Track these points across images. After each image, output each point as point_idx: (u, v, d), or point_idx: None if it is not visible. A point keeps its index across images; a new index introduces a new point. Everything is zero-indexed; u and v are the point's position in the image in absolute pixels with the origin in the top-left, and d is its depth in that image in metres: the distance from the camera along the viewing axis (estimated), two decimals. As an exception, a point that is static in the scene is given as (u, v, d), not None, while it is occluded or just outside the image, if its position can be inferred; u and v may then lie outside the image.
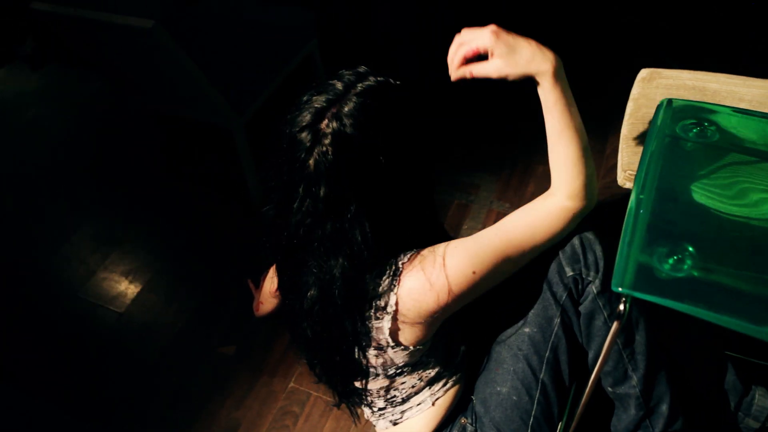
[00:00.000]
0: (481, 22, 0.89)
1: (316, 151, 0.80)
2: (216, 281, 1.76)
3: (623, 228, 0.72)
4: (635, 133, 1.16)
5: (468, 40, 0.87)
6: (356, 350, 0.93)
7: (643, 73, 1.30)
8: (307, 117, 0.81)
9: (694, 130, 0.79)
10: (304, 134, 0.81)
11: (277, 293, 1.31)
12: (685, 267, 0.66)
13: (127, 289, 1.79)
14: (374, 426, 1.16)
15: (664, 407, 1.05)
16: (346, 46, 2.29)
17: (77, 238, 1.95)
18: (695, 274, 0.65)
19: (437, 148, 2.00)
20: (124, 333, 1.67)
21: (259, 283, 1.59)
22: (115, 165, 2.21)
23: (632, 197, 0.74)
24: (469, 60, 0.88)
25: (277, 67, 1.82)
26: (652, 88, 1.24)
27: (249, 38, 1.86)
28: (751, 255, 0.66)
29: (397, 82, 0.87)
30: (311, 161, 0.80)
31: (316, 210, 0.83)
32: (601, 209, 0.99)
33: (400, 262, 0.87)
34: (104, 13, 1.43)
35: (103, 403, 1.52)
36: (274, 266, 1.34)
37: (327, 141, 0.79)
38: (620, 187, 1.14)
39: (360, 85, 0.84)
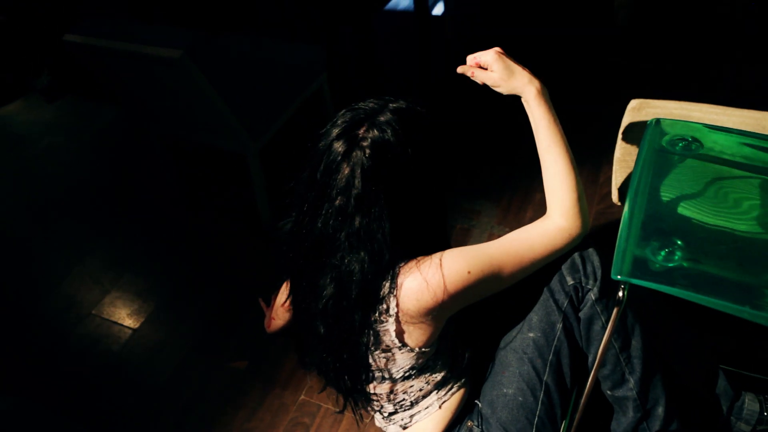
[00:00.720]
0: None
1: (353, 154, 0.90)
2: (227, 301, 1.82)
3: (620, 227, 0.81)
4: (627, 156, 1.26)
5: (477, 55, 1.06)
6: (363, 346, 1.00)
7: (633, 103, 1.41)
8: (342, 128, 0.92)
9: (680, 144, 0.89)
10: (340, 142, 0.91)
11: (290, 307, 1.39)
12: (676, 258, 0.75)
13: (141, 307, 1.84)
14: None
15: (660, 409, 1.12)
16: (353, 82, 2.43)
17: (91, 258, 2.02)
18: (684, 264, 0.74)
19: (450, 165, 2.12)
20: (138, 349, 1.72)
21: (270, 302, 1.66)
22: (128, 190, 2.30)
23: (627, 201, 0.83)
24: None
25: (290, 98, 1.94)
26: (642, 116, 1.35)
27: (264, 72, 1.99)
28: (732, 247, 0.75)
29: (422, 108, 0.99)
30: (347, 164, 0.90)
31: (347, 208, 0.91)
32: (598, 230, 1.09)
33: (398, 267, 0.96)
34: (134, 45, 1.54)
35: (118, 416, 1.56)
36: (286, 282, 1.42)
37: (366, 144, 0.89)
38: (613, 214, 1.24)
39: (392, 104, 0.95)
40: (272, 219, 2.01)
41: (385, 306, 0.96)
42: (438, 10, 3.20)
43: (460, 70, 1.08)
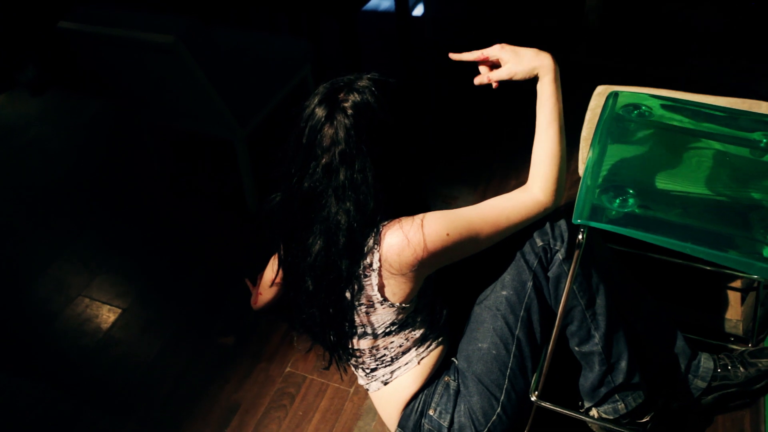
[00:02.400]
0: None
1: (336, 116, 0.98)
2: (214, 281, 1.88)
3: (581, 181, 0.90)
4: (592, 133, 1.37)
5: (483, 52, 1.13)
6: (348, 296, 1.08)
7: (599, 89, 1.53)
8: (322, 95, 1.01)
9: (635, 112, 1.00)
10: (322, 106, 1.00)
11: (276, 282, 1.47)
12: (629, 204, 0.84)
13: (129, 289, 1.89)
14: (368, 390, 1.29)
15: (623, 363, 1.22)
16: (335, 72, 2.51)
17: (79, 243, 2.06)
18: (636, 210, 0.84)
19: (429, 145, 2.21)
20: (127, 328, 1.77)
21: (255, 281, 1.73)
22: (114, 178, 2.34)
23: (588, 159, 0.93)
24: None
25: (276, 87, 2.02)
26: (604, 96, 1.46)
27: (252, 62, 2.06)
28: (678, 196, 0.85)
29: (392, 79, 1.08)
30: (330, 125, 0.99)
31: (332, 164, 1.00)
32: (565, 199, 1.18)
33: (381, 225, 1.04)
34: (128, 31, 1.61)
35: (108, 391, 1.61)
36: (273, 257, 1.49)
37: (347, 105, 0.98)
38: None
39: (366, 75, 1.04)
40: (258, 203, 2.08)
41: (368, 260, 1.04)
42: (418, 11, 3.31)
43: (477, 82, 1.15)
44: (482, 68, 1.16)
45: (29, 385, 1.64)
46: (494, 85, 1.13)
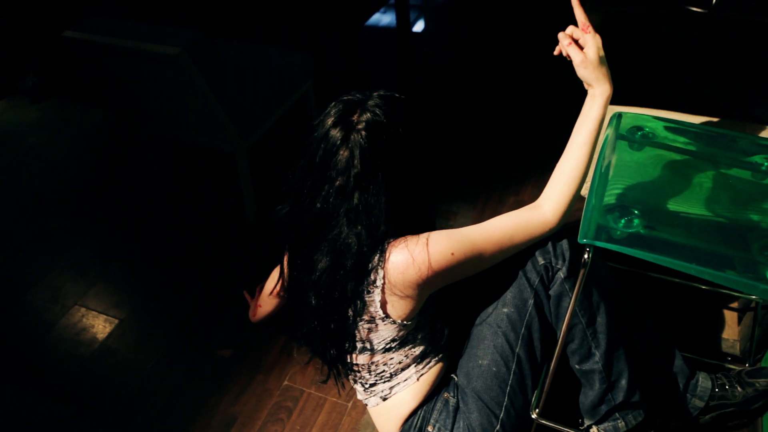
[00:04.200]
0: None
1: (351, 137, 0.99)
2: (213, 293, 1.88)
3: (586, 200, 0.91)
4: (596, 153, 1.38)
5: (578, 28, 1.08)
6: (350, 314, 1.08)
7: (600, 108, 1.55)
8: (337, 116, 1.01)
9: (639, 133, 1.01)
10: (337, 128, 1.00)
11: (277, 293, 1.47)
12: (634, 225, 0.85)
13: (126, 299, 1.88)
14: (366, 405, 1.29)
15: (623, 381, 1.22)
16: (337, 87, 2.54)
17: (76, 252, 2.05)
18: (641, 231, 0.85)
19: (431, 164, 2.22)
20: (123, 338, 1.76)
21: (254, 293, 1.72)
22: (114, 188, 2.34)
23: (592, 179, 0.94)
24: None
25: (278, 101, 2.03)
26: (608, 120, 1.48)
27: (255, 75, 2.08)
28: (682, 218, 0.86)
29: (399, 95, 1.09)
30: (346, 147, 0.99)
31: (347, 187, 1.00)
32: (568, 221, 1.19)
33: (387, 243, 1.04)
34: (133, 41, 1.62)
35: (105, 401, 1.59)
36: (275, 269, 1.49)
37: (361, 127, 0.99)
38: (583, 204, 1.35)
39: (375, 92, 1.05)
40: (258, 215, 2.08)
41: (372, 278, 1.05)
42: (418, 27, 3.34)
43: (559, 36, 1.09)
44: (564, 39, 1.09)
45: (25, 394, 1.62)
46: (565, 54, 1.09)
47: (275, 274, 1.51)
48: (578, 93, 1.11)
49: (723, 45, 2.73)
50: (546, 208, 1.11)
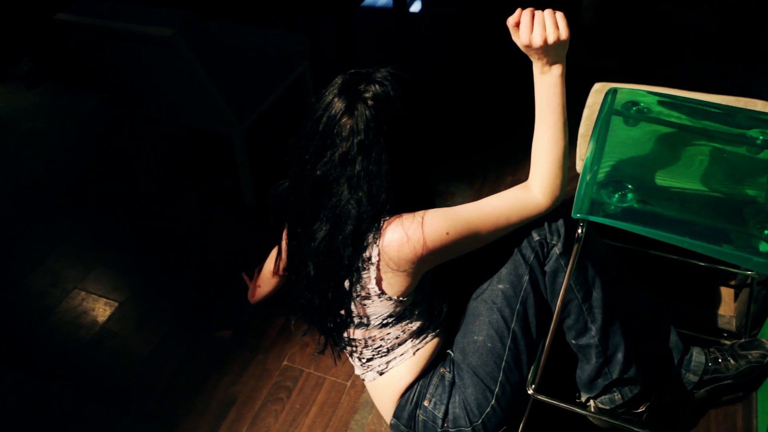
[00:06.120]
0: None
1: (356, 106, 0.99)
2: (211, 276, 1.89)
3: (580, 176, 0.91)
4: (590, 130, 1.38)
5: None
6: (346, 285, 1.09)
7: (596, 86, 1.54)
8: (342, 85, 1.02)
9: (633, 109, 1.01)
10: (342, 97, 1.01)
11: (276, 273, 1.47)
12: (627, 199, 0.85)
13: (125, 282, 1.89)
14: (363, 380, 1.30)
15: (620, 355, 1.23)
16: (333, 69, 2.52)
17: (75, 237, 2.06)
18: (635, 205, 0.85)
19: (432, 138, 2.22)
20: (123, 321, 1.77)
21: (252, 276, 1.73)
22: (111, 174, 2.34)
23: (587, 154, 0.94)
24: None
25: (274, 83, 2.02)
26: (603, 96, 1.48)
27: (250, 57, 2.06)
28: (676, 192, 0.86)
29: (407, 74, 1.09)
30: (350, 115, 0.99)
31: (349, 153, 1.00)
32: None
33: (382, 221, 1.05)
34: (127, 24, 1.61)
35: (105, 383, 1.61)
36: (274, 249, 1.50)
37: (368, 96, 1.00)
38: (577, 181, 1.35)
39: (383, 68, 1.06)
40: (255, 199, 2.08)
41: (368, 254, 1.05)
42: (415, 7, 3.31)
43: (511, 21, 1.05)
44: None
45: (25, 379, 1.63)
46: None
47: (274, 254, 1.52)
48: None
49: (721, 23, 2.71)
50: (535, 191, 1.11)
